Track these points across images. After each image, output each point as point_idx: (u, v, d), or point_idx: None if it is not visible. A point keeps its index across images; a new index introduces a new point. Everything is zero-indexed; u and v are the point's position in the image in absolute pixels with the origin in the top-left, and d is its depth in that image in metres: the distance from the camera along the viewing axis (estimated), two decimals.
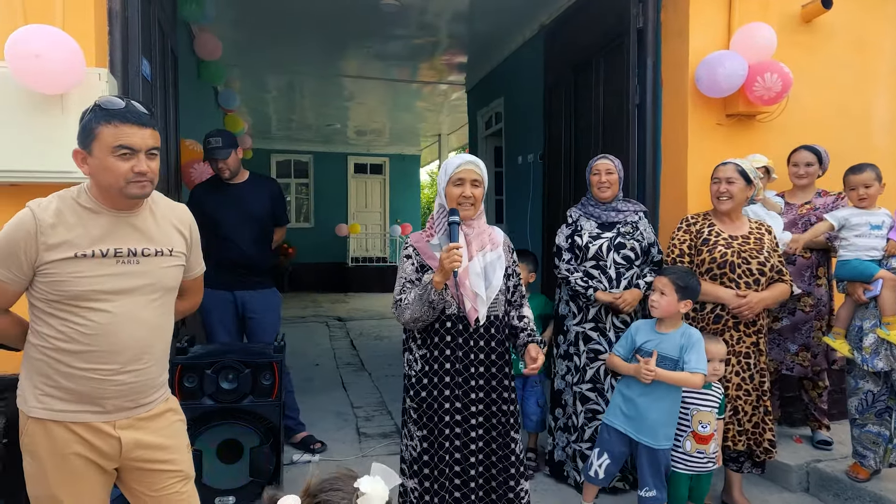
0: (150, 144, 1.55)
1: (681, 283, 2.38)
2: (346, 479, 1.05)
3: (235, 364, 2.57)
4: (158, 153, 1.59)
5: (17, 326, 1.64)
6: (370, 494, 1.00)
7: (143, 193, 1.57)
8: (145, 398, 1.61)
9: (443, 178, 2.16)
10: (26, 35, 2.36)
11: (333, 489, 1.03)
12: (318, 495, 1.03)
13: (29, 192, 2.55)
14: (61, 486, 1.53)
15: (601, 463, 2.43)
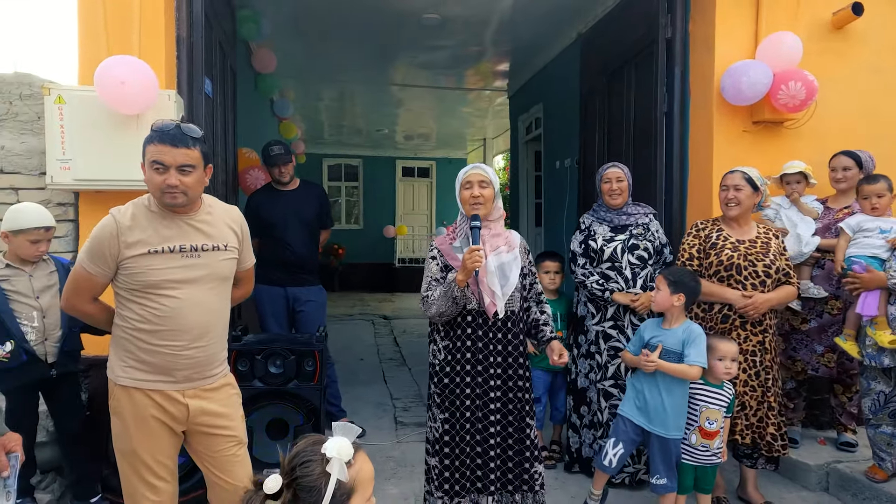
0: (181, 162, 1.79)
1: (672, 277, 2.55)
2: (314, 448, 1.11)
3: (282, 351, 2.88)
4: (195, 169, 1.82)
5: (105, 312, 1.97)
6: (338, 456, 1.09)
7: (174, 203, 1.83)
8: (208, 371, 1.91)
9: (457, 187, 2.40)
10: (112, 65, 2.74)
11: (305, 462, 1.09)
12: (296, 470, 1.09)
13: (110, 198, 2.95)
14: (141, 443, 1.85)
15: (616, 452, 2.59)
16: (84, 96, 2.81)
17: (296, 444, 1.14)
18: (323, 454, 1.09)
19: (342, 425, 1.14)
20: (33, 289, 2.46)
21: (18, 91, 3.04)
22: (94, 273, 1.84)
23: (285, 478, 1.07)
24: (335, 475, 1.08)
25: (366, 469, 1.15)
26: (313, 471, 1.08)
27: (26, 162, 3.00)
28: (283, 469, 1.09)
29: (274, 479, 1.06)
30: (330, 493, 1.07)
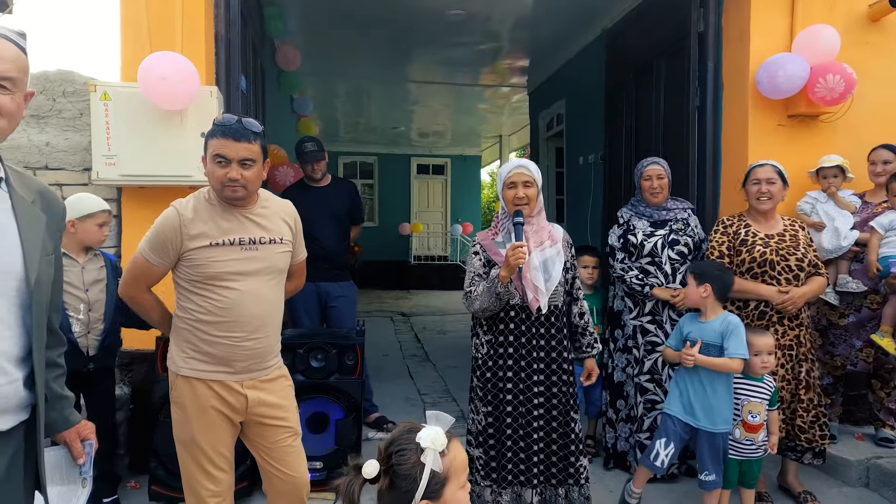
0: (243, 156, 1.81)
1: (696, 270, 2.57)
2: (408, 436, 1.16)
3: (324, 345, 2.90)
4: (255, 163, 1.84)
5: (157, 303, 2.00)
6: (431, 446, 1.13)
7: (234, 196, 1.85)
8: (265, 363, 1.94)
9: (499, 185, 2.41)
10: (154, 61, 2.78)
11: (400, 451, 1.13)
12: (392, 457, 1.14)
13: (153, 193, 3.00)
14: (200, 432, 1.88)
15: (667, 452, 2.56)
16: (128, 93, 2.85)
17: (391, 433, 1.17)
18: (417, 443, 1.12)
19: (435, 414, 1.16)
20: (84, 281, 2.50)
21: (61, 88, 3.09)
22: (154, 263, 1.86)
23: (382, 464, 1.10)
24: (429, 465, 1.11)
25: (459, 458, 1.18)
26: (408, 459, 1.11)
27: (70, 158, 3.04)
28: (380, 455, 1.12)
29: (372, 465, 1.09)
30: (425, 482, 1.10)
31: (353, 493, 1.10)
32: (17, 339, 1.26)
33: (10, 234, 1.26)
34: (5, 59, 1.21)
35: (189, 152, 2.82)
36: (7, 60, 1.21)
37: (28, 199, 1.33)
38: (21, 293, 1.26)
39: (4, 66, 1.21)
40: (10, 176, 1.31)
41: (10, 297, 1.25)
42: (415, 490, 1.10)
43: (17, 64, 1.24)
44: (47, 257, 1.34)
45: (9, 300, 1.24)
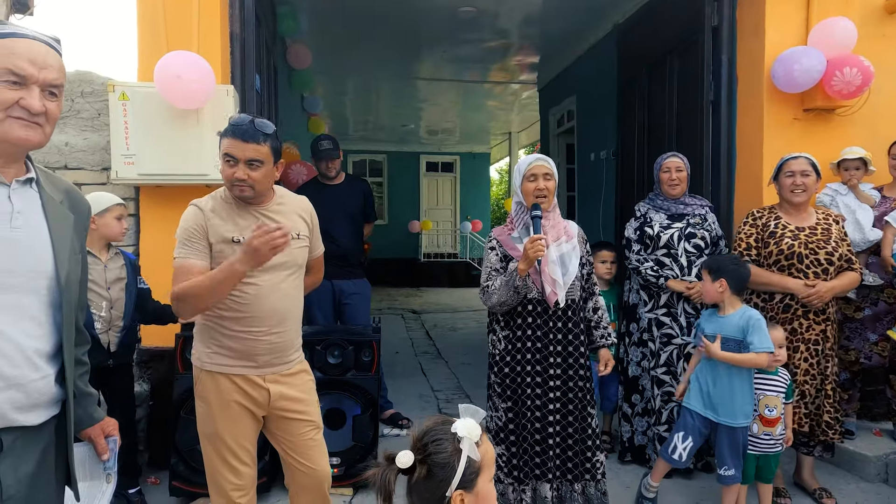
0: (249, 156, 1.82)
1: (712, 266, 2.55)
2: (443, 427, 1.17)
3: (341, 342, 2.92)
4: (263, 164, 1.84)
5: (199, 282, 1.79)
6: (468, 436, 1.15)
7: (242, 195, 1.87)
8: (287, 357, 1.96)
9: (517, 178, 2.41)
10: (170, 60, 2.81)
11: (437, 440, 1.14)
12: (428, 447, 1.14)
13: (170, 192, 3.02)
14: (224, 426, 1.90)
15: (685, 446, 2.56)
16: (146, 92, 2.87)
17: (424, 423, 1.18)
18: (454, 433, 1.14)
19: (468, 407, 1.18)
20: (106, 279, 2.53)
21: (80, 89, 3.12)
22: (192, 256, 1.84)
23: (417, 454, 1.12)
24: (466, 453, 1.12)
25: (490, 451, 1.19)
26: (446, 448, 1.12)
27: (89, 158, 3.07)
28: (414, 446, 1.13)
29: (406, 455, 1.10)
30: (461, 470, 1.11)
31: (388, 482, 1.11)
32: (48, 337, 1.29)
33: (41, 234, 1.28)
34: (54, 67, 1.24)
35: (205, 151, 2.84)
36: (56, 69, 1.25)
37: (57, 199, 1.35)
38: (52, 291, 1.29)
39: (55, 75, 1.24)
40: (40, 176, 1.33)
41: (42, 295, 1.27)
42: (451, 478, 1.11)
43: (62, 72, 1.28)
44: (75, 256, 1.37)
45: (41, 298, 1.27)
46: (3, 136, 1.21)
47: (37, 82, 1.21)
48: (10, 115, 1.20)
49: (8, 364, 1.20)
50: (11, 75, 1.19)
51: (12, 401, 1.21)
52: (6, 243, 1.22)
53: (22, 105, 1.20)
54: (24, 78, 1.20)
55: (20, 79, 1.20)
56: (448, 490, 1.13)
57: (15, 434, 1.23)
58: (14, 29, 1.24)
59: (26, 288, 1.24)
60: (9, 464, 1.22)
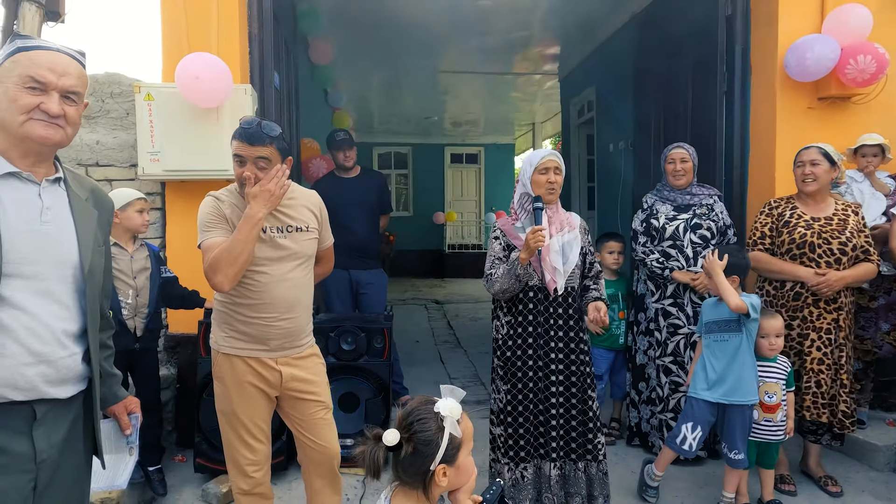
0: (256, 156, 1.94)
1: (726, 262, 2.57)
2: (426, 407, 1.25)
3: (354, 329, 3.05)
4: (269, 163, 1.95)
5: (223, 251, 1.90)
6: (451, 414, 1.25)
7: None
8: (298, 341, 2.09)
9: (528, 170, 2.48)
10: (188, 62, 2.95)
11: (421, 419, 1.24)
12: (413, 425, 1.23)
13: (194, 187, 3.18)
14: (239, 405, 2.04)
15: (695, 436, 2.58)
16: (169, 92, 3.03)
17: (406, 405, 1.29)
18: (437, 412, 1.24)
19: (449, 388, 1.28)
20: (132, 269, 2.70)
21: (109, 90, 3.30)
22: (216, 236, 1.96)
23: (403, 433, 1.22)
24: (449, 430, 1.23)
25: (469, 426, 1.30)
26: (430, 427, 1.23)
27: (118, 155, 3.26)
28: (400, 425, 1.24)
29: (392, 433, 1.21)
30: (444, 446, 1.22)
31: (377, 459, 1.21)
32: (74, 319, 1.43)
33: (68, 228, 1.43)
34: (72, 75, 1.39)
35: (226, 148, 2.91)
36: (74, 76, 1.39)
37: (82, 196, 1.50)
38: (77, 279, 1.43)
39: (72, 82, 1.38)
40: (67, 176, 1.48)
41: (69, 282, 1.42)
42: (435, 454, 1.22)
43: (81, 80, 1.42)
44: (99, 248, 1.51)
45: (68, 285, 1.41)
46: (26, 135, 1.35)
47: (56, 88, 1.36)
48: (33, 118, 1.34)
49: (39, 342, 1.34)
50: (33, 82, 1.34)
51: (43, 375, 1.35)
52: (37, 236, 1.36)
53: (42, 108, 1.34)
54: (44, 84, 1.35)
55: (41, 85, 1.34)
56: (432, 465, 1.23)
57: (48, 406, 1.38)
58: (39, 43, 1.40)
59: (55, 276, 1.39)
60: (42, 431, 1.37)
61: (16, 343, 1.31)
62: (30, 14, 2.98)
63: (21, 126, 1.34)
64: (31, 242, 1.34)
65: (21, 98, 1.33)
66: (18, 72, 1.34)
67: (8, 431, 1.32)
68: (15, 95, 1.33)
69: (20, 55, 1.35)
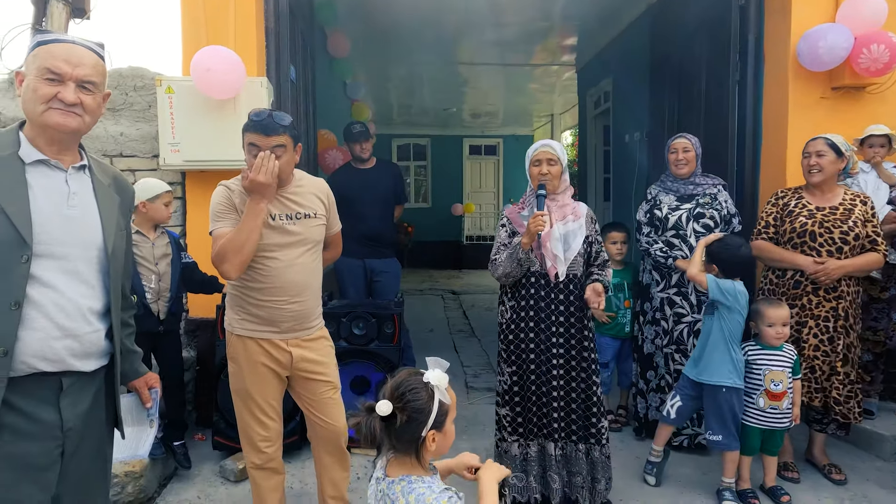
0: (273, 145, 2.01)
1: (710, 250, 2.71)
2: (416, 378, 1.35)
3: (364, 314, 3.15)
4: (284, 150, 2.04)
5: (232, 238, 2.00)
6: (439, 383, 1.34)
7: None
8: (307, 324, 2.18)
9: (526, 162, 2.55)
10: (202, 55, 3.06)
11: (412, 389, 1.32)
12: (405, 395, 1.31)
13: (212, 177, 3.30)
14: (252, 385, 2.15)
15: (673, 404, 2.76)
16: (189, 86, 3.14)
17: (394, 378, 1.37)
18: (426, 382, 1.34)
19: (435, 360, 1.37)
20: (154, 256, 2.83)
21: (133, 83, 3.43)
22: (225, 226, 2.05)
23: (395, 402, 1.30)
24: (439, 398, 1.33)
25: (453, 395, 1.39)
26: (421, 396, 1.32)
27: (141, 146, 3.39)
28: (391, 396, 1.32)
29: (385, 404, 1.30)
30: (435, 412, 1.32)
31: (373, 428, 1.30)
32: (99, 298, 1.53)
33: (92, 212, 1.53)
34: (87, 65, 1.47)
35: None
36: (89, 66, 1.47)
37: (105, 183, 1.60)
38: (101, 260, 1.53)
39: (87, 71, 1.46)
40: (91, 164, 1.58)
41: (94, 263, 1.52)
42: (426, 421, 1.32)
43: (97, 69, 1.49)
44: (121, 232, 1.61)
45: (92, 266, 1.51)
46: (45, 123, 1.44)
47: (71, 78, 1.44)
48: (51, 107, 1.43)
49: (66, 317, 1.45)
50: (50, 73, 1.43)
51: (70, 349, 1.46)
52: (65, 220, 1.46)
53: (59, 97, 1.43)
54: (61, 75, 1.43)
55: (57, 76, 1.43)
56: (423, 431, 1.32)
57: (73, 378, 1.48)
58: (56, 36, 1.50)
59: (81, 257, 1.49)
60: (68, 401, 1.47)
61: (45, 318, 1.41)
62: (57, 11, 3.12)
63: (41, 115, 1.43)
64: (59, 225, 1.44)
65: (40, 89, 1.42)
66: (38, 64, 1.43)
67: (38, 401, 1.42)
68: (35, 86, 1.43)
69: (39, 49, 1.44)
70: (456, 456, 1.53)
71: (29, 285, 1.38)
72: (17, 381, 1.38)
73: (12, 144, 1.44)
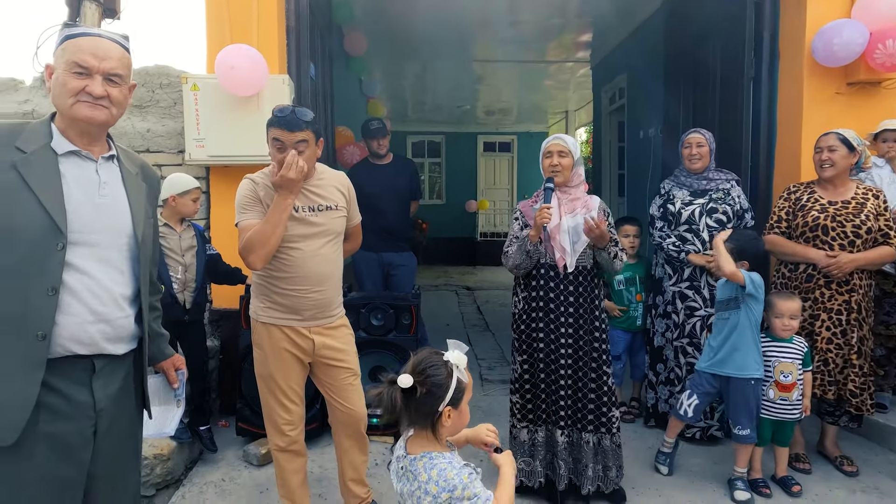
0: (296, 140, 2.10)
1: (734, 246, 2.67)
2: (437, 356, 1.43)
3: (383, 306, 3.23)
4: (307, 146, 2.12)
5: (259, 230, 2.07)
6: (459, 362, 1.43)
7: None
8: (329, 312, 2.26)
9: (539, 156, 2.61)
10: (225, 53, 3.15)
11: (433, 365, 1.40)
12: (425, 371, 1.39)
13: (237, 171, 3.40)
14: (276, 370, 2.24)
15: (690, 403, 2.75)
16: (213, 83, 3.24)
17: (416, 355, 1.45)
18: (446, 361, 1.42)
19: (455, 342, 1.45)
20: (181, 247, 2.94)
21: (159, 81, 3.54)
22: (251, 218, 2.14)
23: (416, 377, 1.39)
24: (457, 376, 1.41)
25: (470, 378, 1.47)
26: (441, 373, 1.40)
27: (167, 142, 3.50)
28: (413, 370, 1.41)
29: (406, 377, 1.38)
30: (453, 388, 1.40)
31: (394, 399, 1.38)
32: (129, 284, 1.59)
33: (122, 200, 1.58)
34: (113, 58, 1.50)
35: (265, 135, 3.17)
36: (115, 59, 1.50)
37: (133, 172, 1.65)
38: (131, 247, 1.58)
39: (112, 64, 1.49)
40: (119, 154, 1.63)
41: (124, 250, 1.57)
42: (444, 396, 1.40)
43: (122, 62, 1.52)
44: (148, 220, 1.67)
45: (122, 253, 1.57)
46: (74, 115, 1.48)
47: (98, 71, 1.47)
48: (80, 100, 1.47)
49: (100, 303, 1.50)
50: (78, 67, 1.46)
51: (103, 332, 1.50)
52: (97, 208, 1.50)
53: (87, 91, 1.47)
54: (88, 69, 1.47)
55: (84, 70, 1.47)
56: (440, 406, 1.40)
57: (104, 360, 1.52)
58: (83, 30, 1.53)
59: (113, 244, 1.53)
60: (100, 383, 1.52)
61: (80, 303, 1.46)
62: (90, 12, 3.23)
63: (70, 108, 1.47)
64: (91, 214, 1.49)
65: (69, 82, 1.46)
66: (66, 58, 1.46)
67: (72, 382, 1.47)
68: (64, 80, 1.46)
69: (67, 43, 1.48)
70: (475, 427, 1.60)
71: (65, 272, 1.43)
72: (54, 362, 1.44)
73: (45, 136, 1.48)
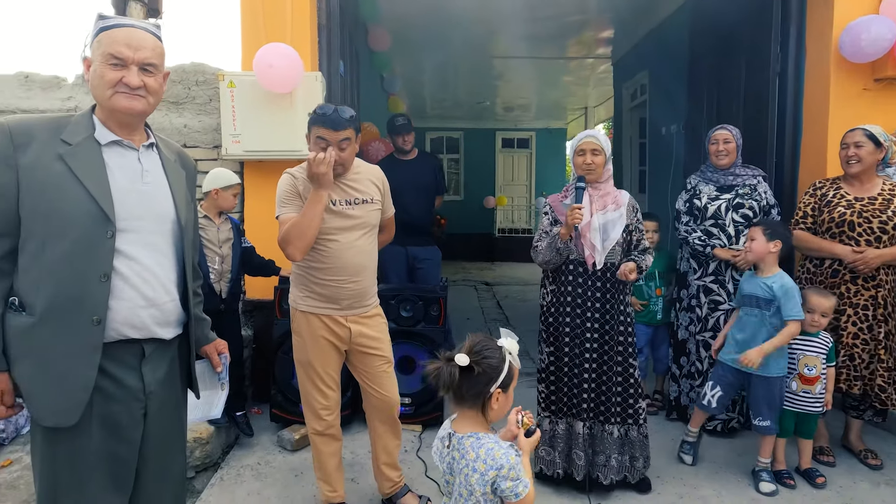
0: (340, 139, 2.18)
1: (768, 227, 2.71)
2: (492, 341, 1.54)
3: (412, 297, 3.32)
4: (349, 143, 2.20)
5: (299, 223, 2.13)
6: (511, 349, 1.53)
7: (336, 173, 2.22)
8: (365, 302, 2.35)
9: (570, 152, 2.66)
10: (264, 52, 3.25)
11: (488, 348, 1.50)
12: (481, 352, 1.48)
13: (271, 166, 3.51)
14: (314, 357, 2.33)
15: (714, 394, 2.80)
16: (249, 80, 3.34)
17: (471, 338, 1.55)
18: (501, 346, 1.52)
19: (506, 331, 1.55)
20: (219, 239, 3.04)
21: (195, 78, 3.65)
22: (290, 211, 2.22)
23: (473, 357, 1.48)
24: (509, 360, 1.52)
25: (518, 366, 1.56)
26: (495, 356, 1.51)
27: (203, 137, 3.61)
28: (469, 351, 1.50)
29: (464, 357, 1.47)
30: (504, 373, 1.50)
31: (453, 374, 1.47)
32: (174, 268, 1.64)
33: (163, 187, 1.61)
34: (147, 47, 1.51)
35: (299, 130, 3.24)
36: (149, 49, 1.51)
37: (171, 158, 1.70)
38: (175, 233, 1.64)
39: (147, 54, 1.51)
40: (158, 141, 1.68)
41: (168, 235, 1.62)
42: (497, 378, 1.50)
43: (156, 51, 1.54)
44: (189, 205, 1.72)
45: (166, 238, 1.61)
46: (113, 106, 1.51)
47: (134, 62, 1.50)
48: (117, 91, 1.50)
49: (150, 289, 1.55)
50: (114, 59, 1.48)
51: (153, 317, 1.55)
52: (141, 195, 1.54)
53: (124, 82, 1.49)
54: (123, 60, 1.49)
55: (120, 61, 1.49)
56: (492, 387, 1.49)
57: (154, 345, 1.58)
58: (116, 21, 1.54)
59: (157, 230, 1.57)
60: (150, 367, 1.57)
61: (132, 289, 1.51)
62: (135, 11, 3.35)
63: (109, 100, 1.49)
64: (137, 201, 1.53)
65: (106, 74, 1.48)
66: (102, 50, 1.48)
67: (124, 366, 1.53)
68: (102, 72, 1.48)
69: (102, 35, 1.50)
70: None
71: (115, 258, 1.47)
72: (107, 347, 1.48)
73: (88, 128, 1.52)
